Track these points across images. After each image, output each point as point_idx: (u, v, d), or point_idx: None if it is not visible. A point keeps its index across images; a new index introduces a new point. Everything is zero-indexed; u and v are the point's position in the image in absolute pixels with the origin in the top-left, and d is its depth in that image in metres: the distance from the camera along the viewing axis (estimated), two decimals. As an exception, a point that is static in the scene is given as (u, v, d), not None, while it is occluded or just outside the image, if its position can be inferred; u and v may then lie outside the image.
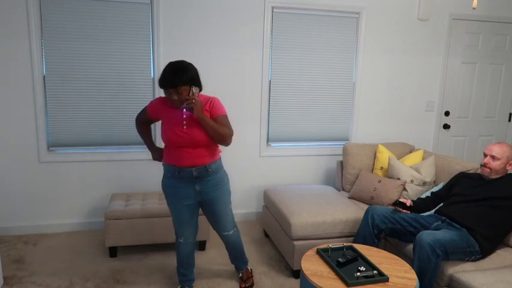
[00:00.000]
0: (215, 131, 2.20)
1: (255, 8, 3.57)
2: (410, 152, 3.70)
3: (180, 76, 2.10)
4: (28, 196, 3.42)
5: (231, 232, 2.55)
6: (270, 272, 2.92)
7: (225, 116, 2.29)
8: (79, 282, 2.71)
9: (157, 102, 2.33)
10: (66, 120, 3.38)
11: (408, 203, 2.64)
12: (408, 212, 2.62)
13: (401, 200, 2.65)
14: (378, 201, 3.20)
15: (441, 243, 2.22)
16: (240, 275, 2.74)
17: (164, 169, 2.37)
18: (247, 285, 2.68)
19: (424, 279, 2.23)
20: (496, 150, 2.50)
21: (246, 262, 2.75)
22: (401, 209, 2.61)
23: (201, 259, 2.98)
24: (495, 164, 2.49)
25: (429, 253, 2.19)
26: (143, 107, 2.56)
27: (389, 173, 3.36)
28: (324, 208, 2.92)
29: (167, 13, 3.41)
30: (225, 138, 2.25)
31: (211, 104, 2.28)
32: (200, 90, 2.24)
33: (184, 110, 2.21)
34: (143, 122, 2.44)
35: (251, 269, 2.81)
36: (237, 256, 2.69)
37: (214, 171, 2.35)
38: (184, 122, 2.22)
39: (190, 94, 2.15)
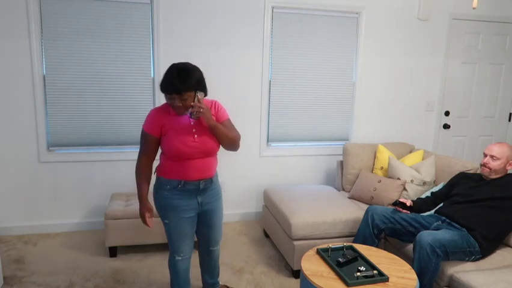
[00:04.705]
0: (227, 136, 2.08)
1: (255, 8, 3.57)
2: (410, 152, 3.70)
3: (184, 81, 1.92)
4: (28, 196, 3.42)
5: (217, 247, 2.41)
6: (270, 272, 2.92)
7: (230, 120, 2.20)
8: (79, 282, 2.71)
9: (154, 116, 2.06)
10: (66, 120, 3.38)
11: (408, 203, 2.64)
12: (408, 212, 2.62)
13: (401, 200, 2.65)
14: (378, 201, 3.20)
15: (441, 243, 2.22)
16: None
17: (160, 182, 2.13)
18: None
19: (424, 279, 2.23)
20: (496, 150, 2.50)
21: (219, 276, 2.57)
22: (401, 209, 2.61)
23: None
24: (495, 164, 2.50)
25: (429, 253, 2.19)
26: (143, 139, 2.09)
27: (389, 173, 3.36)
28: (324, 208, 2.92)
29: (167, 13, 3.41)
30: (236, 143, 2.15)
31: (216, 108, 2.16)
32: (205, 95, 2.05)
33: (190, 117, 2.06)
34: (151, 155, 2.11)
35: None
36: (215, 274, 2.50)
37: (215, 181, 2.26)
38: (194, 130, 2.05)
39: (195, 100, 1.97)
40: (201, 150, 2.06)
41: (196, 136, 2.05)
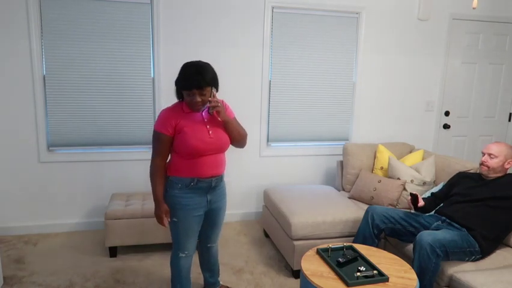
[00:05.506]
0: (238, 132, 2.18)
1: (255, 8, 3.57)
2: (410, 152, 3.70)
3: (204, 76, 1.98)
4: (28, 196, 3.42)
5: (215, 244, 2.46)
6: (270, 272, 2.92)
7: (236, 119, 2.26)
8: (79, 282, 2.71)
9: (167, 115, 2.08)
10: (66, 120, 3.38)
11: (420, 203, 2.61)
12: (414, 211, 2.63)
13: (417, 194, 2.60)
14: (378, 201, 3.20)
15: (441, 243, 2.22)
16: None
17: (170, 181, 2.14)
18: None
19: (424, 279, 2.23)
20: (494, 148, 2.53)
21: (219, 275, 2.60)
22: (410, 203, 2.59)
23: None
24: (492, 162, 2.51)
25: (429, 253, 2.19)
26: (156, 140, 2.09)
27: (389, 173, 3.36)
28: (324, 208, 2.92)
29: (167, 13, 3.41)
30: (245, 139, 2.24)
31: (225, 106, 2.20)
32: (217, 91, 2.11)
33: (203, 113, 2.10)
34: (165, 154, 2.12)
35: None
36: (215, 272, 2.53)
37: (224, 180, 2.32)
38: (208, 126, 2.10)
39: (211, 96, 2.04)
40: (216, 146, 2.10)
41: (211, 132, 2.10)
